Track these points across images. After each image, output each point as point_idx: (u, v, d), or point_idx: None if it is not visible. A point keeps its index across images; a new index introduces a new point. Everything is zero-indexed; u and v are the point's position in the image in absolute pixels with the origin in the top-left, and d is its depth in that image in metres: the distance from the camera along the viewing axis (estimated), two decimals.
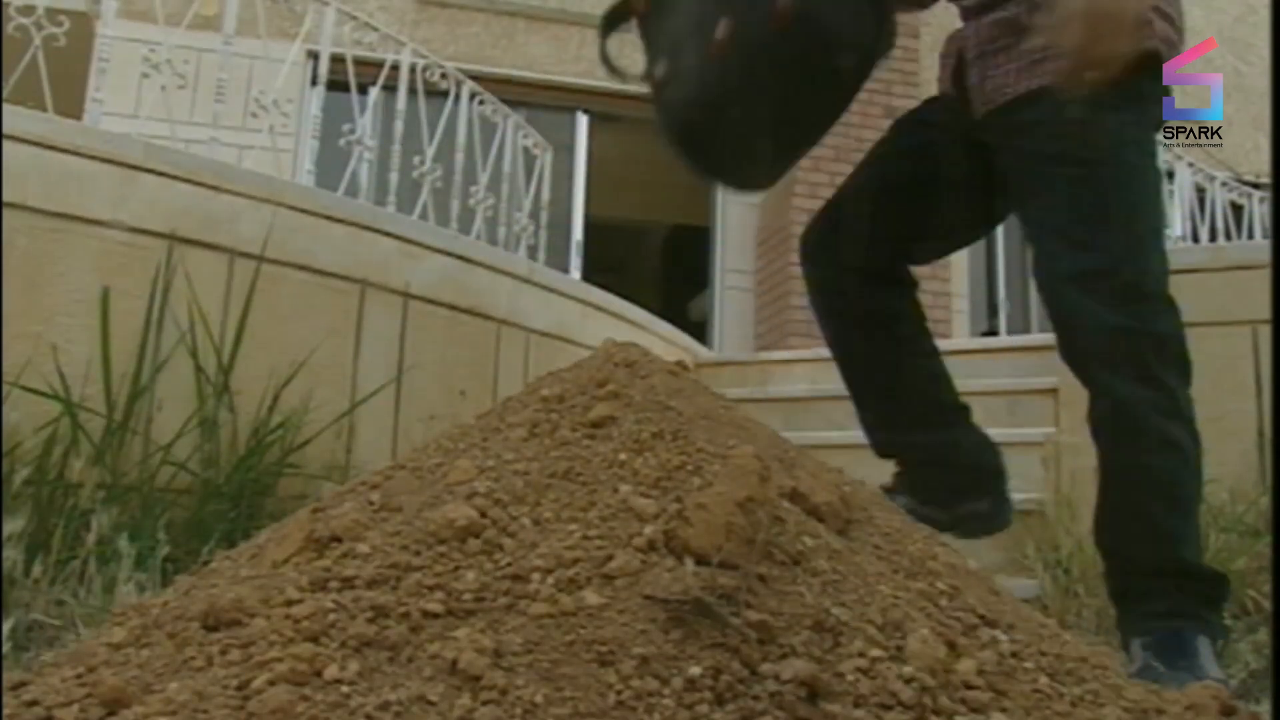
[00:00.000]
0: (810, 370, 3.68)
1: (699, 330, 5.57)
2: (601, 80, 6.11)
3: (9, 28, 2.68)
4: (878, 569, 1.01)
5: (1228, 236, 4.50)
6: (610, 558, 0.90)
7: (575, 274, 5.62)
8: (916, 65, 5.74)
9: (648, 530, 0.93)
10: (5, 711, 0.77)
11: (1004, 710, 0.85)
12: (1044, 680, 0.93)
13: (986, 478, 1.79)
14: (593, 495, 0.99)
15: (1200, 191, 4.33)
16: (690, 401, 1.15)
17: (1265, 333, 2.35)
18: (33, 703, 0.78)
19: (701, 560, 0.89)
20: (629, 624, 0.84)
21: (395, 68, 3.57)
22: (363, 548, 0.93)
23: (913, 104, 1.87)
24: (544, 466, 1.04)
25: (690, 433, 1.07)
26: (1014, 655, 0.95)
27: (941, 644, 0.90)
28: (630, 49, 1.59)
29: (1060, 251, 1.56)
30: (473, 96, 3.86)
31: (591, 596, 0.86)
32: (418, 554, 0.92)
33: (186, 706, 0.75)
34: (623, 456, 1.04)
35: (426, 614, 0.85)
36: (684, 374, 1.23)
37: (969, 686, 0.87)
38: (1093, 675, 0.97)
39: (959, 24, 1.74)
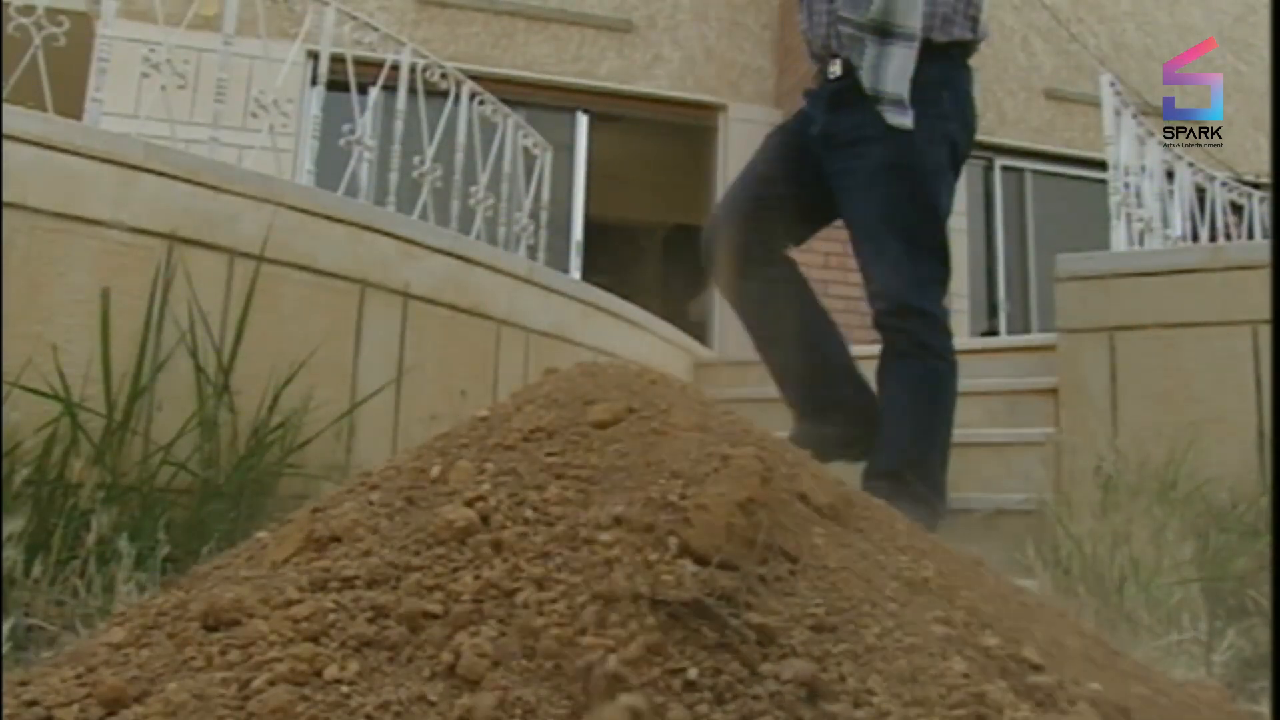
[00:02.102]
0: None
1: (699, 330, 5.56)
2: (601, 80, 6.11)
3: (9, 28, 2.68)
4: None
5: (1228, 236, 4.50)
6: (611, 558, 0.90)
7: (575, 274, 5.62)
8: None
9: (648, 531, 0.92)
10: (5, 711, 0.77)
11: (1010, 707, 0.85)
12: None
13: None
14: (593, 497, 0.99)
15: (1200, 191, 4.32)
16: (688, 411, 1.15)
17: (1265, 333, 2.35)
18: (33, 703, 0.78)
19: (701, 561, 0.89)
20: (629, 624, 0.83)
21: (395, 68, 3.56)
22: (363, 548, 0.93)
23: None
24: (544, 468, 1.04)
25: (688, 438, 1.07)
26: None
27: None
28: (629, 50, 1.59)
29: None
30: (473, 96, 3.85)
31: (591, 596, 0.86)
32: (417, 554, 0.92)
33: (186, 707, 0.75)
34: (624, 460, 1.04)
35: (426, 614, 0.85)
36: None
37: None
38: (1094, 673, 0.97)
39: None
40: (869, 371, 2.25)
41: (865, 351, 2.32)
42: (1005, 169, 6.89)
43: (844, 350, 2.31)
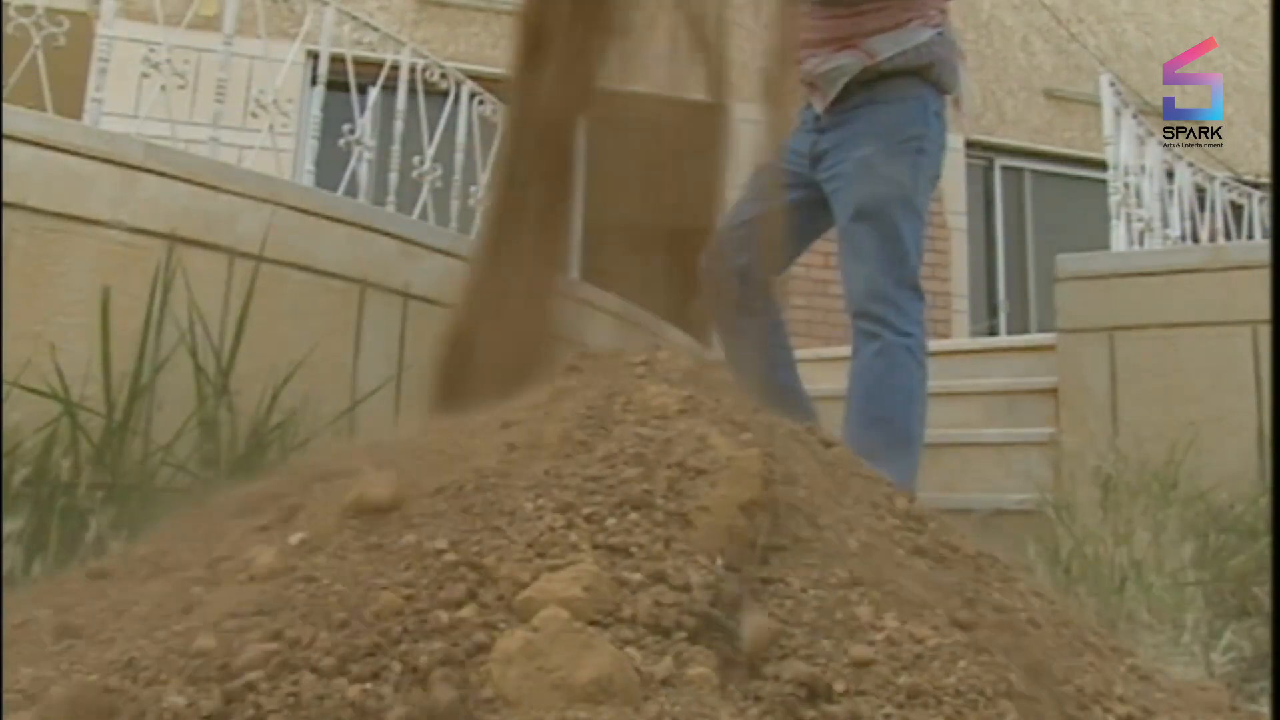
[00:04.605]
0: (810, 370, 3.68)
1: (699, 330, 5.55)
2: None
3: (9, 28, 2.67)
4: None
5: (1228, 236, 4.50)
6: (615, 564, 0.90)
7: (574, 274, 5.61)
8: None
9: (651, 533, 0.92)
10: None
11: (1009, 700, 0.85)
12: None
13: None
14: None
15: (1200, 191, 4.32)
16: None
17: (1265, 333, 2.35)
18: None
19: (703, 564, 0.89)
20: (631, 627, 0.83)
21: (395, 68, 3.56)
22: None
23: None
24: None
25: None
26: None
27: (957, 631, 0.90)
28: None
29: None
30: (472, 96, 3.85)
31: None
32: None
33: None
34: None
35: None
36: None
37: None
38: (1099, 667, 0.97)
39: None
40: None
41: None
42: (1005, 169, 6.89)
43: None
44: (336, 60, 3.38)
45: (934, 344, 3.62)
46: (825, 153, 2.24)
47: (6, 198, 1.86)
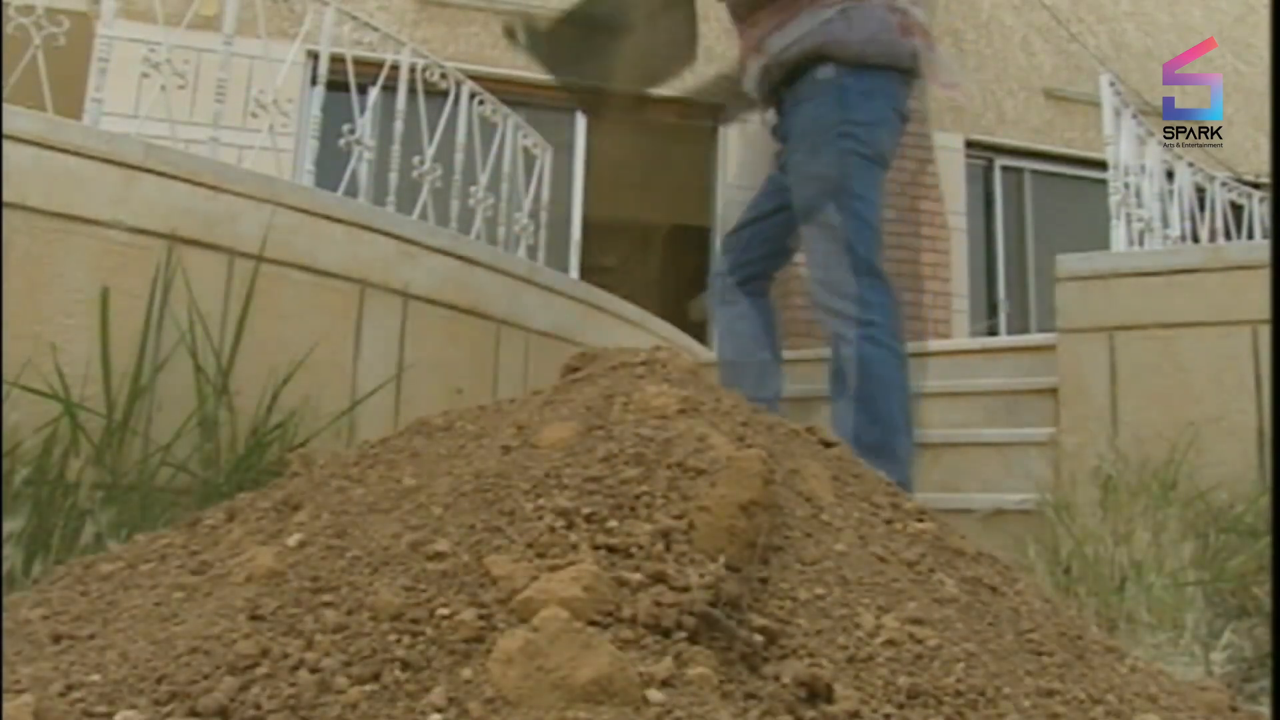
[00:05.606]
0: (810, 370, 3.68)
1: (699, 330, 5.56)
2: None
3: (9, 28, 2.67)
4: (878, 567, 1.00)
5: (1227, 236, 4.50)
6: (614, 563, 0.90)
7: (574, 274, 5.61)
8: None
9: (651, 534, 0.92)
10: None
11: (1010, 701, 0.85)
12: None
13: None
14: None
15: (1200, 191, 4.32)
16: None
17: (1265, 333, 2.35)
18: None
19: (703, 564, 0.89)
20: (631, 627, 0.83)
21: (395, 68, 3.56)
22: None
23: None
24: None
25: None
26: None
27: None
28: None
29: None
30: (472, 96, 3.85)
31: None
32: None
33: None
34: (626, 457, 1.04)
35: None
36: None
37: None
38: (1098, 667, 0.97)
39: None
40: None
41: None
42: (1005, 169, 6.89)
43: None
44: (336, 60, 3.38)
45: (934, 344, 3.62)
46: (784, 163, 2.29)
47: (6, 198, 1.86)
